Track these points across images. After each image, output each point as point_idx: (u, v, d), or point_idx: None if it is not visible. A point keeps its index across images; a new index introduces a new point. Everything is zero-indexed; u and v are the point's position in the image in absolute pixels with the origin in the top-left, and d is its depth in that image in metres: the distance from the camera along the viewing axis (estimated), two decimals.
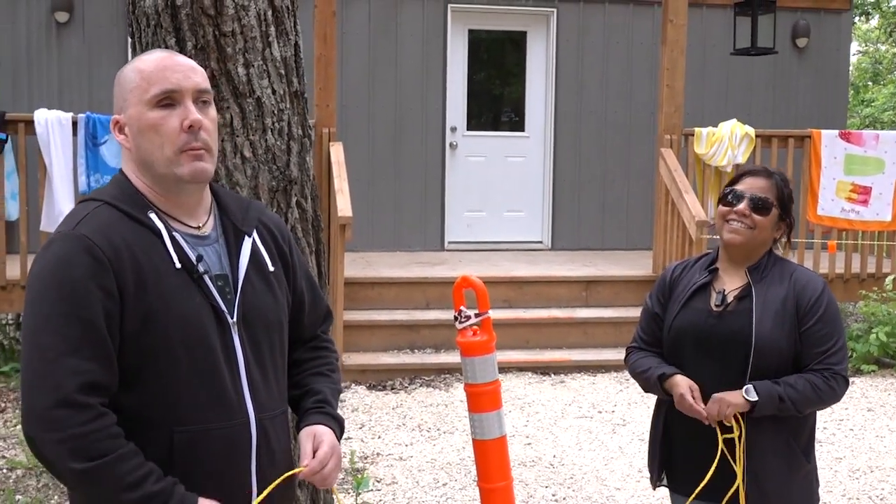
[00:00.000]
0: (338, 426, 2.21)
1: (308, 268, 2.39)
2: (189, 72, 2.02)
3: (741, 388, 2.81)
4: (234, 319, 2.04)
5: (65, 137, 7.39)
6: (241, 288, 2.07)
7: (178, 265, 1.97)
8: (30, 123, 7.40)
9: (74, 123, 7.41)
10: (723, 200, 2.94)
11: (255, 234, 2.15)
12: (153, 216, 2.00)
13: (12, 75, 9.77)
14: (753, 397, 2.77)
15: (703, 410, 2.83)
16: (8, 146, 7.59)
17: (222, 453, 1.99)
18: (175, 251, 1.98)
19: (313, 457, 2.10)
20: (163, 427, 1.94)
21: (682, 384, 2.90)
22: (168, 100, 1.99)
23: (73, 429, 1.83)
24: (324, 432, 2.15)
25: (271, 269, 2.15)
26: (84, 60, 9.74)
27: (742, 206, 2.89)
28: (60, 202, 7.37)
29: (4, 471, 5.51)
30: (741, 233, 2.89)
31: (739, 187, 2.92)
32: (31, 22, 9.76)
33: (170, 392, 1.95)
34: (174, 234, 2.01)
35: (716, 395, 2.81)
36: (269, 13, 2.98)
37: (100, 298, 1.88)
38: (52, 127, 7.36)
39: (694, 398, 2.85)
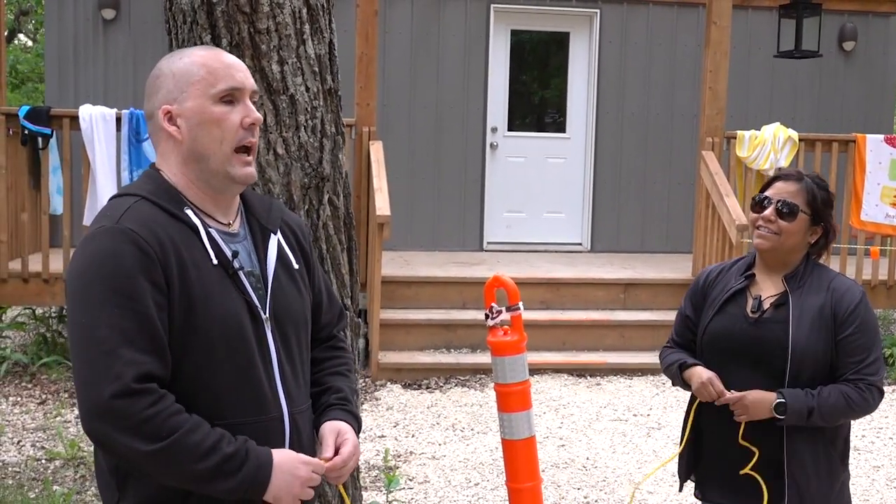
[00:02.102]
0: (357, 425, 2.24)
1: (321, 269, 2.43)
2: (247, 72, 2.09)
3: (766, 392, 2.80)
4: (267, 315, 2.07)
5: (108, 133, 7.48)
6: (272, 285, 2.10)
7: (215, 261, 2.01)
8: (74, 119, 7.51)
9: (118, 119, 7.50)
10: (753, 206, 2.93)
11: (279, 233, 2.18)
12: (189, 212, 2.02)
13: (59, 71, 9.92)
14: (781, 414, 2.75)
15: (728, 394, 2.83)
16: (53, 141, 7.70)
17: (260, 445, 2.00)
18: (211, 247, 2.01)
19: (336, 453, 2.11)
20: (205, 420, 1.94)
21: (703, 372, 2.89)
22: (230, 97, 2.04)
23: (137, 415, 1.85)
24: (347, 430, 2.17)
25: (296, 266, 2.19)
26: (129, 57, 9.86)
27: (768, 211, 2.86)
28: (103, 197, 7.45)
29: (43, 461, 5.59)
30: (768, 238, 2.86)
31: (769, 192, 2.90)
32: (77, 19, 9.91)
33: (211, 386, 1.98)
34: (210, 230, 2.04)
35: (747, 398, 2.79)
36: (304, 11, 3.00)
37: (150, 291, 1.90)
38: (97, 123, 7.45)
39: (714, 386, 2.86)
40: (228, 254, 2.03)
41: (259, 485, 1.93)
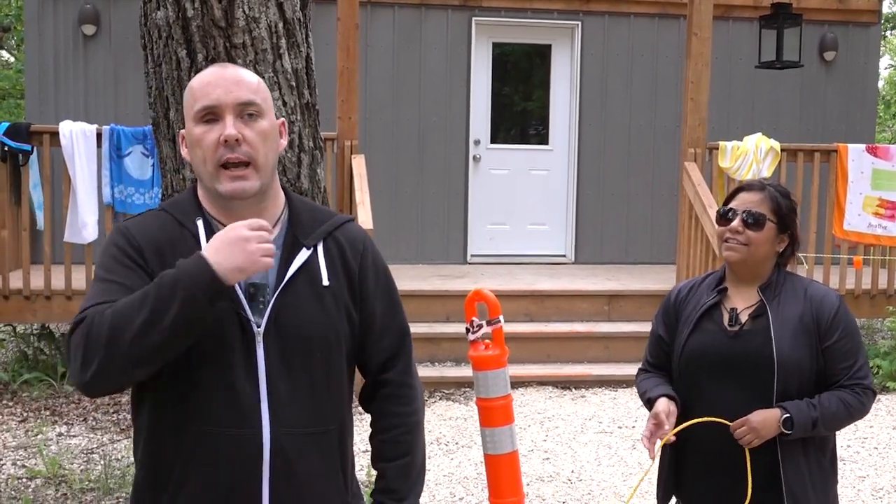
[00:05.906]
0: None
1: (395, 293, 2.32)
2: (231, 86, 2.04)
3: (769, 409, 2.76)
4: (261, 329, 2.03)
5: (89, 149, 7.44)
6: (279, 299, 2.05)
7: None
8: (55, 135, 7.46)
9: (99, 135, 7.46)
10: (718, 219, 2.91)
11: (320, 247, 2.13)
12: (199, 222, 2.07)
13: (39, 87, 9.87)
14: (788, 429, 2.71)
15: (651, 447, 2.82)
16: (33, 158, 7.66)
17: (231, 460, 1.99)
18: None
19: None
20: (176, 425, 2.00)
21: (657, 407, 2.88)
22: (210, 115, 2.04)
23: (81, 332, 1.93)
24: None
25: (325, 283, 2.11)
26: (110, 73, 9.83)
27: (735, 223, 2.84)
28: (84, 213, 7.42)
29: (24, 480, 5.53)
30: (737, 250, 2.84)
31: (733, 204, 2.88)
32: (58, 35, 9.86)
33: (183, 390, 2.00)
34: None
35: (753, 420, 2.73)
36: (280, 25, 2.98)
37: (124, 270, 2.02)
38: (77, 139, 7.41)
39: (657, 424, 2.84)
40: None
41: (200, 269, 1.89)
